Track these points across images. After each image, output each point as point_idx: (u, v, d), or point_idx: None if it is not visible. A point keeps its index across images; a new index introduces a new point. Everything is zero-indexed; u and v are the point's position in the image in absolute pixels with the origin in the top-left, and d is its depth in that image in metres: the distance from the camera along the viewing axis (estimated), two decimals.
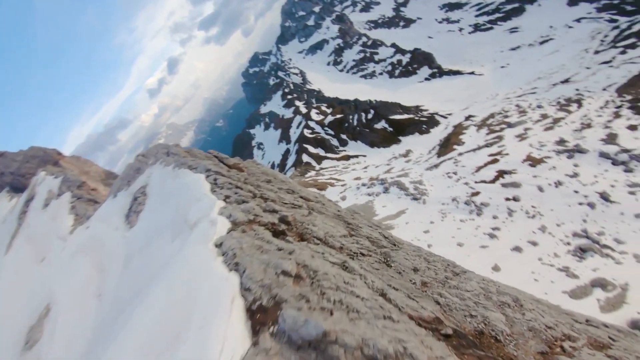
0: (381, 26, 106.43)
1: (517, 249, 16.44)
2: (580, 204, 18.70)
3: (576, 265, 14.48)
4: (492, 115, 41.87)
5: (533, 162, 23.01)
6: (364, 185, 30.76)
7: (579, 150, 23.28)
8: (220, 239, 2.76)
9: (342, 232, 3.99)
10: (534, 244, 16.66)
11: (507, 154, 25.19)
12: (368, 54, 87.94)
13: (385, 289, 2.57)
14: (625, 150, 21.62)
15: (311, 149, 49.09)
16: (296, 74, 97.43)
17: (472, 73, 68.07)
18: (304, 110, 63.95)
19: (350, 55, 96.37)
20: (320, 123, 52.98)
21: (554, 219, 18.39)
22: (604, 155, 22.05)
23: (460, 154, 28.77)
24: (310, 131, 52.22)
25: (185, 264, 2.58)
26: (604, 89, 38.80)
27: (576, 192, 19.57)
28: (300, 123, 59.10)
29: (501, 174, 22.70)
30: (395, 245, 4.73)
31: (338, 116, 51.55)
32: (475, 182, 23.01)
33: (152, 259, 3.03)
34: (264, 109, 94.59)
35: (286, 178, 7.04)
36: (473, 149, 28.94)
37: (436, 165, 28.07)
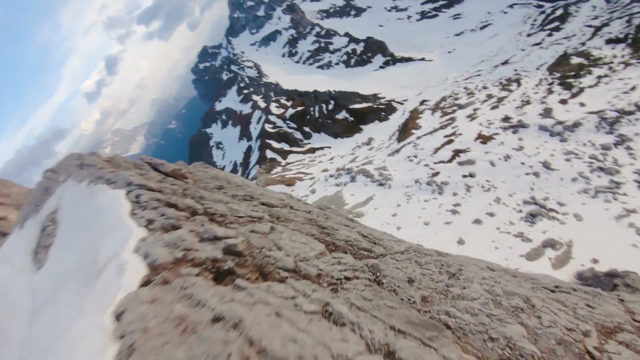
0: (333, 15, 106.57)
1: (477, 221, 17.64)
2: (527, 174, 20.60)
3: (529, 230, 15.95)
4: (443, 99, 44.42)
5: (484, 139, 24.78)
6: (331, 176, 30.81)
7: (521, 125, 25.58)
8: (121, 306, 1.72)
9: (317, 248, 3.21)
10: (491, 215, 18.02)
11: (460, 134, 26.81)
12: (323, 44, 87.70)
13: (390, 343, 1.85)
14: (560, 122, 24.23)
15: (275, 144, 47.96)
16: (251, 67, 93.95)
17: (423, 59, 71.38)
18: (262, 104, 62.05)
19: (305, 46, 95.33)
20: (281, 117, 51.86)
21: (506, 190, 20.06)
22: (542, 128, 24.48)
23: (418, 138, 30.07)
24: (271, 126, 50.90)
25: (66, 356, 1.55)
26: (537, 68, 43.13)
27: (523, 163, 21.51)
28: (260, 118, 57.32)
29: (457, 153, 24.12)
30: (375, 244, 4.36)
31: (299, 109, 50.90)
32: (435, 163, 24.19)
33: (56, 319, 2.05)
34: (219, 106, 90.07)
35: (244, 181, 6.19)
36: (430, 131, 30.40)
37: (397, 151, 29.03)
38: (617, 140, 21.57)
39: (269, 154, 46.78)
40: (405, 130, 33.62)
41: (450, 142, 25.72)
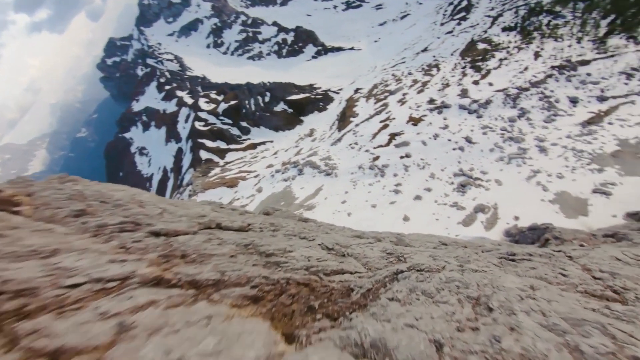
0: (258, 4, 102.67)
1: (418, 197, 18.98)
2: (454, 149, 22.94)
3: (461, 199, 17.75)
4: (375, 86, 46.87)
5: (414, 121, 26.75)
6: (277, 171, 29.84)
7: (444, 106, 28.34)
8: None
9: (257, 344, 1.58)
10: (429, 190, 19.59)
11: (394, 119, 28.49)
12: (251, 34, 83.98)
13: None
14: (475, 101, 27.51)
15: (209, 143, 44.37)
16: (171, 60, 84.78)
17: (352, 48, 74.03)
18: (189, 100, 56.63)
19: (232, 36, 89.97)
20: (213, 112, 48.09)
21: (439, 166, 22.05)
22: (462, 107, 27.50)
23: (357, 125, 31.06)
24: (202, 123, 46.86)
25: None
26: (452, 54, 48.46)
27: (449, 140, 23.86)
28: (188, 116, 52.28)
29: (392, 136, 25.56)
30: (345, 255, 3.39)
31: (232, 103, 47.87)
32: (374, 148, 25.24)
33: None
34: (137, 106, 79.43)
35: (136, 196, 3.94)
36: (366, 118, 31.66)
37: (339, 139, 29.53)
38: (520, 113, 25.49)
39: (204, 154, 43.15)
40: (344, 119, 34.41)
41: (385, 126, 27.09)
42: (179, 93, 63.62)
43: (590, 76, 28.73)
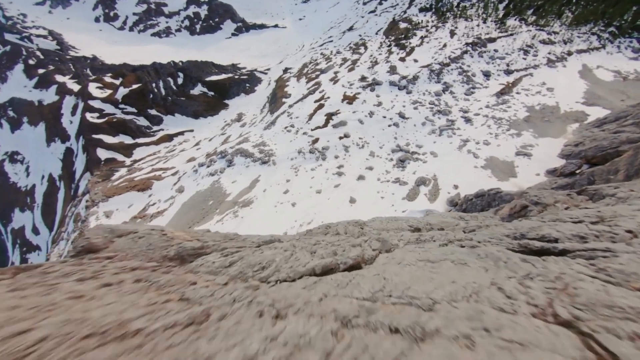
0: None
1: (361, 177, 18.67)
2: (389, 125, 23.35)
3: (402, 174, 18.02)
4: (305, 65, 45.59)
5: (349, 99, 26.43)
6: (201, 165, 26.28)
7: (376, 83, 28.73)
8: None
9: None
10: (370, 168, 19.48)
11: (328, 97, 27.71)
12: (153, 5, 72.62)
13: None
14: (404, 77, 28.52)
15: (108, 139, 36.83)
16: (44, 37, 67.80)
17: (276, 26, 70.78)
18: (74, 87, 45.99)
19: (128, 8, 76.38)
20: (109, 100, 39.84)
21: (377, 144, 22.18)
22: (392, 83, 28.24)
23: (290, 106, 29.39)
24: (96, 115, 38.54)
25: None
26: (376, 33, 50.14)
27: (384, 117, 24.22)
28: (75, 106, 42.44)
29: (330, 116, 24.78)
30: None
31: (134, 87, 40.32)
32: (312, 130, 24.12)
33: None
34: None
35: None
36: (300, 98, 30.21)
37: (273, 123, 27.48)
38: (444, 87, 27.36)
39: (103, 153, 35.74)
40: (275, 100, 32.25)
41: (321, 106, 26.12)
42: (59, 78, 51.22)
43: (497, 52, 32.65)
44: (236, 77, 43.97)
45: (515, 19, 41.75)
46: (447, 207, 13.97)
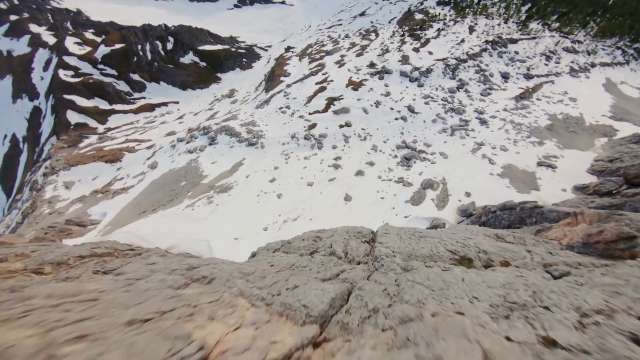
0: None
1: (360, 172, 16.95)
2: (396, 118, 21.63)
3: (407, 174, 16.37)
4: (310, 46, 43.28)
5: (355, 85, 24.54)
6: (180, 140, 24.07)
7: (386, 71, 26.88)
8: None
9: None
10: (371, 164, 17.76)
11: (332, 81, 25.76)
12: None
13: None
14: (416, 69, 26.74)
15: (82, 101, 33.88)
16: None
17: (283, 2, 67.84)
18: (50, 39, 42.36)
19: None
20: (87, 58, 36.62)
21: (381, 137, 20.45)
22: (403, 74, 26.44)
23: (288, 86, 27.28)
24: (71, 73, 35.40)
25: None
26: (390, 22, 48.07)
27: (392, 109, 22.47)
28: (48, 61, 39.05)
29: (331, 101, 22.88)
30: None
31: (118, 46, 37.10)
32: (310, 114, 22.20)
33: None
34: None
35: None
36: (300, 78, 28.12)
37: (267, 101, 25.36)
38: (459, 84, 25.74)
39: (74, 117, 32.84)
40: (272, 78, 30.04)
41: (322, 89, 24.16)
42: (34, 28, 47.29)
43: (517, 54, 31.19)
44: (233, 49, 41.28)
45: (538, 23, 40.38)
46: (457, 216, 12.39)
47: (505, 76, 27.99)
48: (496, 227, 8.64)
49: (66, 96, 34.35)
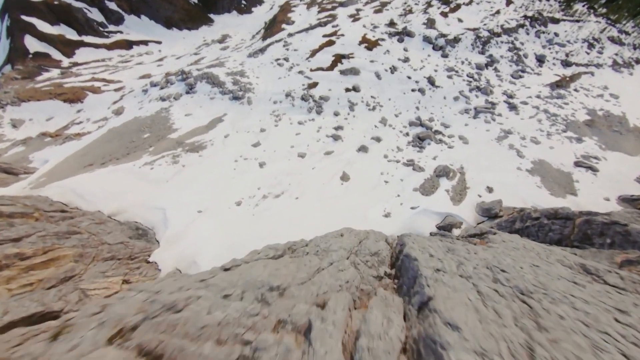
0: None
1: (363, 148, 14.96)
2: (413, 90, 19.32)
3: (419, 157, 14.43)
4: None
5: (369, 44, 21.83)
6: (154, 85, 21.39)
7: (407, 33, 24.06)
8: None
9: None
10: (378, 140, 15.73)
11: (342, 35, 22.92)
12: None
13: None
14: (443, 35, 23.98)
15: (43, 26, 29.94)
16: None
17: None
18: None
19: None
20: None
21: (392, 109, 18.26)
22: (427, 39, 23.70)
23: (290, 35, 24.26)
24: None
25: None
26: None
27: (409, 77, 20.06)
28: None
29: (339, 58, 20.27)
30: None
31: None
32: (311, 70, 19.66)
33: None
34: None
35: None
36: (305, 28, 25.06)
37: (262, 50, 22.47)
38: (488, 60, 23.26)
39: (33, 44, 29.09)
40: (273, 25, 26.79)
41: (330, 43, 21.39)
42: None
43: (557, 37, 28.52)
44: None
45: (583, 5, 37.22)
46: (477, 215, 10.62)
47: (540, 59, 25.53)
48: (539, 240, 6.84)
49: (25, 17, 30.30)
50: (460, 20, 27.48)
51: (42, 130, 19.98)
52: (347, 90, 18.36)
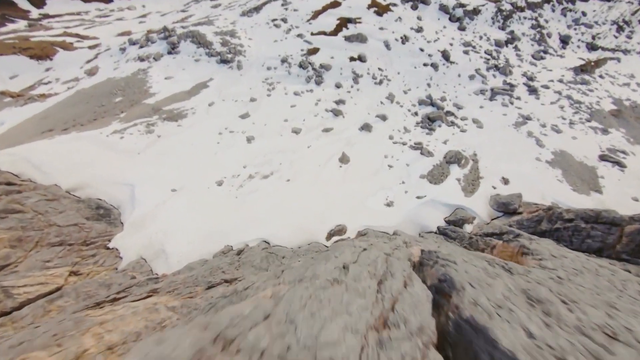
0: None
1: (366, 127, 13.77)
2: (425, 64, 17.89)
3: (428, 140, 13.31)
4: None
5: (379, 8, 20.06)
6: (133, 43, 19.48)
7: (422, 0, 22.19)
8: None
9: None
10: (383, 118, 14.53)
11: None
12: None
13: None
14: (461, 5, 22.18)
15: None
16: None
17: None
18: None
19: None
20: None
21: (401, 85, 16.92)
22: (443, 8, 21.93)
23: None
24: None
25: None
26: None
27: (421, 50, 18.54)
28: None
29: (344, 22, 18.57)
30: None
31: None
32: (312, 35, 18.00)
33: None
34: None
35: None
36: None
37: (257, 9, 20.53)
38: (508, 37, 21.71)
39: None
40: None
41: (335, 4, 19.59)
42: None
43: (584, 16, 26.86)
44: None
45: None
46: (491, 209, 9.68)
47: (564, 40, 24.03)
48: (572, 247, 5.88)
49: None
50: None
51: (3, 89, 18.21)
52: (352, 59, 16.85)
